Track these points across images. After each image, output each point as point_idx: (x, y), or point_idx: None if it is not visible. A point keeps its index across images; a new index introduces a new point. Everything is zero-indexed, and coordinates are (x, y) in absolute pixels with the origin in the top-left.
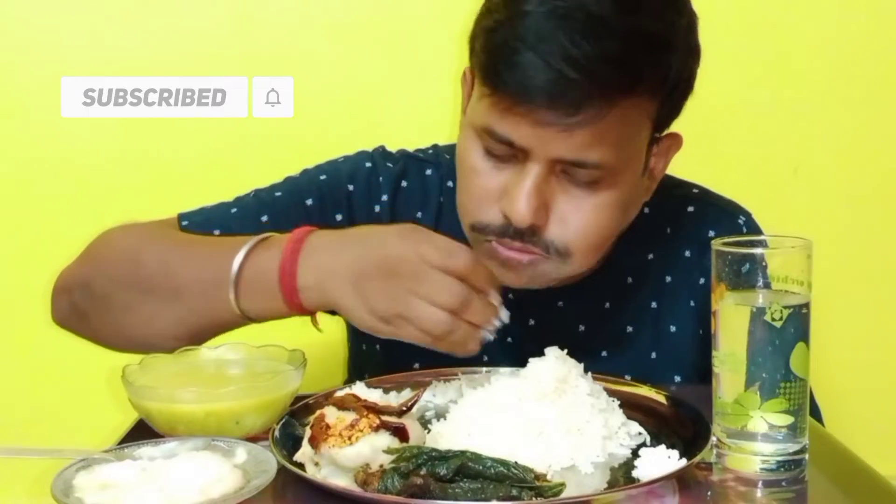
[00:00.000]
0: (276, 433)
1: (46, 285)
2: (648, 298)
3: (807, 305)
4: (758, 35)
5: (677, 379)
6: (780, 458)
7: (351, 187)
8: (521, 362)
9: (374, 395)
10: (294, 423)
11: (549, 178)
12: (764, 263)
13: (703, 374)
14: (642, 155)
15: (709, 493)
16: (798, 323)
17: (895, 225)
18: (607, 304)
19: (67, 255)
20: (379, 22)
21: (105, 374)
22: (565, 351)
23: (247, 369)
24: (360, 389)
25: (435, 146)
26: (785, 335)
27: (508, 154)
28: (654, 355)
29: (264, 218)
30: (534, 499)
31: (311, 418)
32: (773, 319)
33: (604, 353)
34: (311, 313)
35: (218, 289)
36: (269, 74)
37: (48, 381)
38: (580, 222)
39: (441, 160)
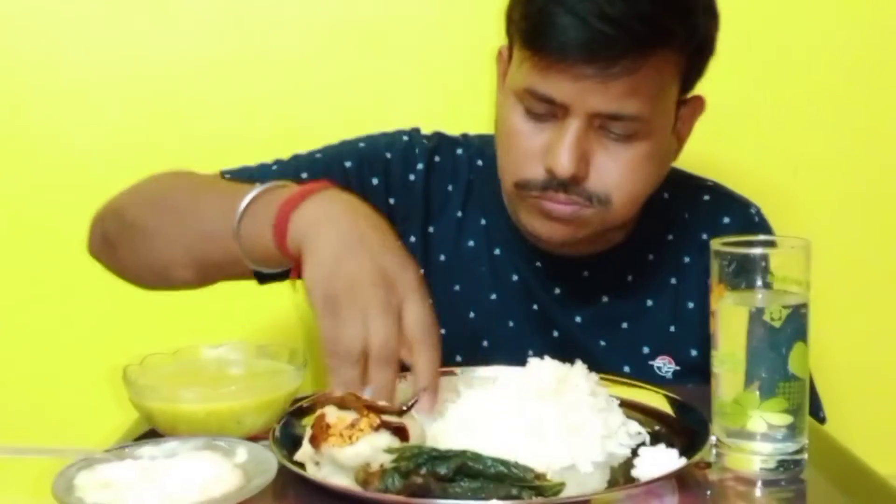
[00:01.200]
0: (277, 433)
1: (46, 286)
2: (668, 275)
3: (806, 305)
4: (758, 35)
5: (694, 353)
6: (779, 458)
7: (388, 155)
8: (546, 329)
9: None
10: (294, 422)
11: (588, 132)
12: (763, 263)
13: None
14: (672, 112)
15: (708, 493)
16: (797, 323)
17: (895, 225)
18: (630, 278)
19: (67, 255)
20: (379, 22)
21: (105, 374)
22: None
23: (247, 369)
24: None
25: (464, 134)
26: (784, 335)
27: (548, 113)
28: (672, 329)
29: (304, 175)
30: (534, 498)
31: (312, 418)
32: (773, 319)
33: (625, 325)
34: (291, 254)
35: (226, 216)
36: (269, 74)
37: (48, 381)
38: (618, 172)
39: (470, 142)
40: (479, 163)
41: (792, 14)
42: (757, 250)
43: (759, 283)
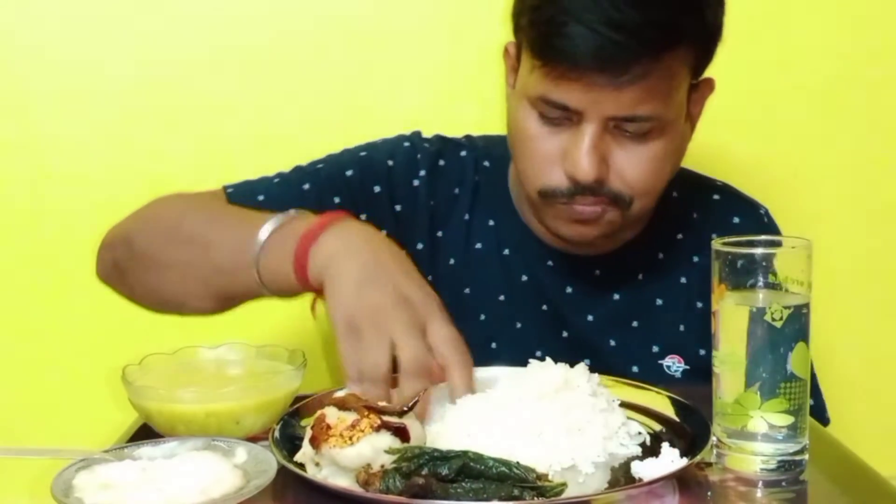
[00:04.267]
0: (276, 433)
1: (46, 286)
2: (678, 274)
3: (807, 305)
4: (757, 36)
5: (702, 352)
6: (780, 458)
7: (391, 162)
8: (556, 329)
9: None
10: (294, 423)
11: (604, 134)
12: (764, 263)
13: None
14: (684, 103)
15: (709, 493)
16: (798, 323)
17: (895, 225)
18: (640, 276)
19: (68, 255)
20: (379, 23)
21: (105, 374)
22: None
23: (247, 369)
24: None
25: (467, 135)
26: (785, 335)
27: (563, 117)
28: (682, 328)
29: (306, 186)
30: (535, 498)
31: (312, 418)
32: (773, 319)
33: (635, 324)
34: (312, 287)
35: (244, 249)
36: (270, 74)
37: (48, 381)
38: (637, 171)
39: (475, 144)
40: (486, 164)
41: (792, 14)
42: (758, 250)
43: (760, 283)
